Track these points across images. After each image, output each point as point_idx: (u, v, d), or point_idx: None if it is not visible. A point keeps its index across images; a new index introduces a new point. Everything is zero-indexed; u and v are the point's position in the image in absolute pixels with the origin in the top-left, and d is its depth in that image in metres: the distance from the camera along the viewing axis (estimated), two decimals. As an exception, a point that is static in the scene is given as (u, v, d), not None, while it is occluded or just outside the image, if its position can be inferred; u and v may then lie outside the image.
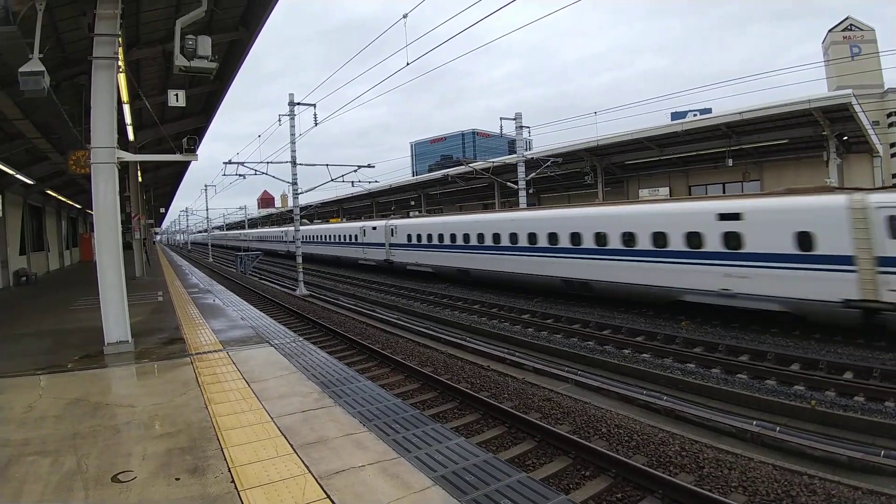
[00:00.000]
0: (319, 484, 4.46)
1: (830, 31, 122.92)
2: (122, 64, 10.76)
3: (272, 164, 31.58)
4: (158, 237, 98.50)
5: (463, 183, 44.93)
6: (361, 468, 4.71)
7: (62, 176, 26.38)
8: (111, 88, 9.85)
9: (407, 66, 17.04)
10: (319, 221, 63.80)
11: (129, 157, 11.27)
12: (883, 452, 7.63)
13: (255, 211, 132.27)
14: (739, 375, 11.89)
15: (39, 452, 5.32)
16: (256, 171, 31.58)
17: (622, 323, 16.84)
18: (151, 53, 15.05)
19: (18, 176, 21.50)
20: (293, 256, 51.25)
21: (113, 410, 6.63)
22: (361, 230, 39.82)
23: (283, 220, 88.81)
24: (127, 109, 16.31)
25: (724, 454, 7.60)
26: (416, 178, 60.30)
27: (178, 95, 11.14)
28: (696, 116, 34.22)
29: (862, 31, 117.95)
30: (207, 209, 73.30)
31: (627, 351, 14.16)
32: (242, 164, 31.12)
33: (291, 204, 32.07)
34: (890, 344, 12.96)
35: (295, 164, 28.99)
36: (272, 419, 6.00)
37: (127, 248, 10.47)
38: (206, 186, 66.74)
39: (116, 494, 4.45)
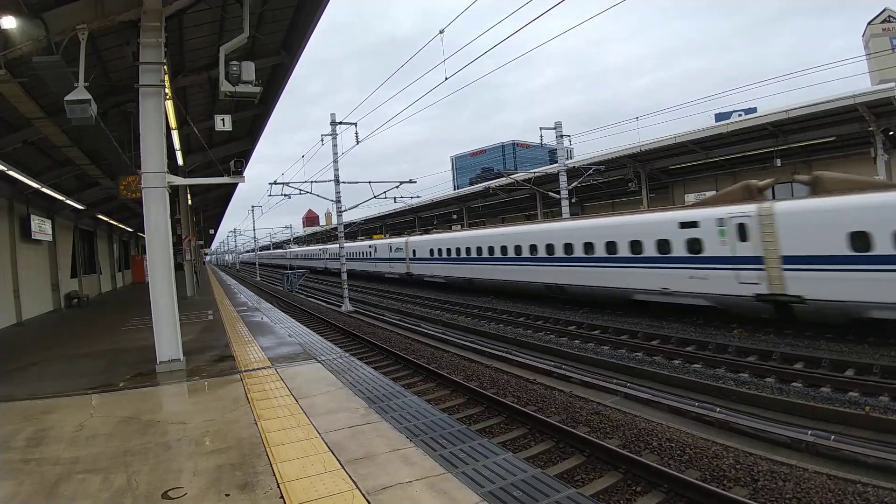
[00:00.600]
0: (367, 500, 4.45)
1: (869, 23, 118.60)
2: (168, 91, 11.13)
3: (316, 182, 32.19)
4: (208, 258, 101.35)
5: (504, 195, 44.85)
6: (409, 484, 4.69)
7: (113, 201, 27.44)
8: (159, 115, 10.17)
9: (445, 80, 17.18)
10: (363, 238, 64.74)
11: (179, 181, 11.64)
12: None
13: (300, 229, 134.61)
14: (794, 384, 11.47)
15: (90, 470, 5.44)
16: (301, 190, 32.25)
17: (672, 333, 16.44)
18: (197, 80, 15.57)
19: (68, 201, 22.47)
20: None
21: (164, 427, 6.76)
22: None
23: (326, 237, 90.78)
24: (175, 135, 16.90)
25: (778, 466, 7.37)
26: (457, 191, 60.48)
27: (224, 120, 11.47)
28: (740, 117, 33.30)
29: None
30: (255, 229, 75.07)
31: (678, 361, 13.80)
32: (287, 184, 31.81)
33: (335, 222, 32.56)
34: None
35: (338, 182, 29.47)
36: (320, 435, 6.03)
37: (178, 268, 10.79)
38: (252, 207, 68.51)
39: None
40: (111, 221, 34.89)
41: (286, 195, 33.16)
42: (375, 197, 33.44)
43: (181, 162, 20.72)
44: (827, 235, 14.11)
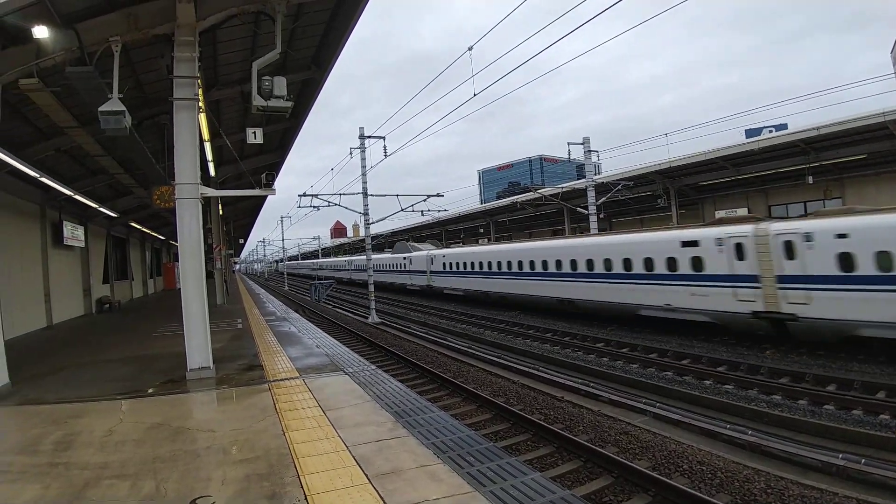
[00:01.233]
0: (394, 516, 4.41)
1: None
2: (202, 104, 11.32)
3: (344, 195, 32.51)
4: (237, 267, 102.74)
5: (531, 209, 44.76)
6: (436, 501, 4.63)
7: (146, 209, 28.03)
8: (193, 127, 10.35)
9: (475, 96, 17.24)
10: (389, 250, 65.35)
11: (211, 192, 11.82)
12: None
13: (328, 240, 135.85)
14: (826, 406, 11.22)
15: (118, 476, 5.48)
16: (329, 202, 32.53)
17: (702, 352, 16.14)
18: (230, 94, 15.85)
19: (101, 209, 22.97)
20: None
21: (194, 435, 6.80)
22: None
23: (354, 249, 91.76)
24: (208, 146, 17.20)
25: (809, 490, 7.25)
26: (484, 205, 60.48)
27: (255, 133, 11.64)
28: (771, 133, 32.76)
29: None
30: (283, 239, 75.92)
31: (709, 382, 13.54)
32: (316, 196, 32.12)
33: (363, 234, 32.76)
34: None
35: (366, 195, 29.66)
36: (347, 448, 6.01)
37: (208, 277, 10.90)
38: (281, 218, 69.28)
39: None
40: (144, 229, 35.62)
41: (315, 207, 33.49)
42: (403, 210, 33.58)
43: (213, 173, 21.09)
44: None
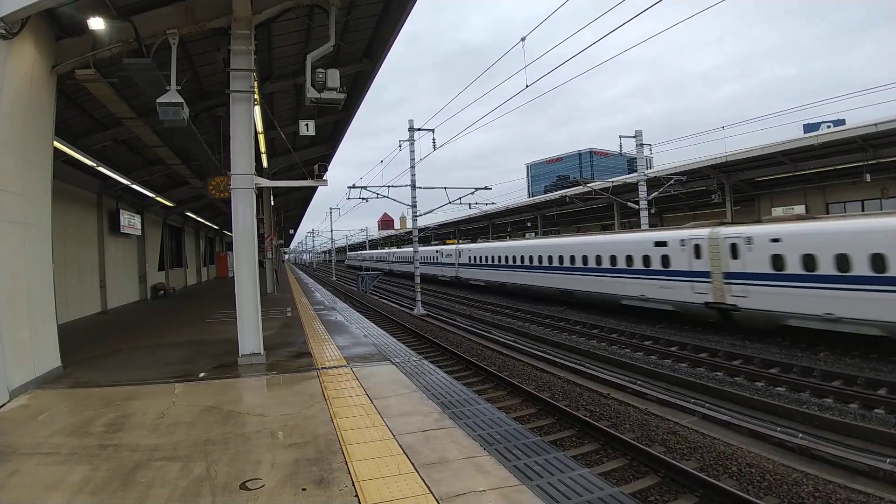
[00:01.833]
0: (440, 505, 4.44)
1: None
2: (257, 97, 11.53)
3: (393, 187, 32.79)
4: (287, 257, 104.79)
5: (581, 203, 44.13)
6: (482, 493, 4.63)
7: (201, 199, 28.82)
8: (248, 120, 10.53)
9: (526, 87, 17.09)
10: (437, 243, 65.92)
11: (265, 182, 12.06)
12: None
13: (375, 232, 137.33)
14: (877, 410, 10.94)
15: (169, 458, 5.58)
16: (378, 194, 32.89)
17: (754, 353, 15.72)
18: (284, 87, 16.14)
19: (158, 198, 23.71)
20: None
21: (244, 419, 6.94)
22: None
23: (401, 241, 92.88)
24: (261, 138, 17.56)
25: (856, 494, 7.18)
26: (532, 199, 59.99)
27: (308, 125, 11.81)
28: (829, 128, 31.39)
29: None
30: (332, 230, 77.06)
31: (761, 384, 13.18)
32: (365, 188, 32.52)
33: (410, 226, 33.00)
34: None
35: (414, 187, 29.81)
36: (394, 436, 6.06)
37: (260, 266, 11.14)
38: (330, 210, 70.35)
39: (244, 502, 4.60)
40: (198, 219, 36.68)
41: (364, 199, 33.90)
42: (450, 203, 33.73)
43: (266, 164, 21.54)
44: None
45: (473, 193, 33.63)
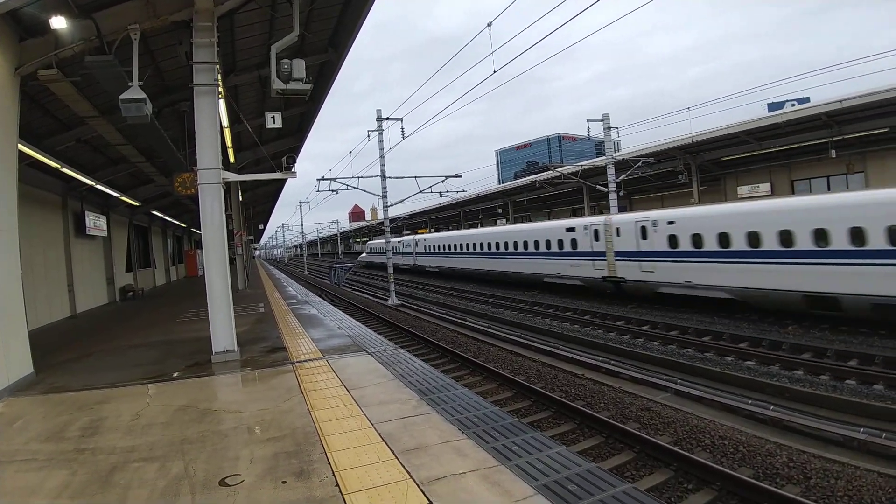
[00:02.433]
0: (421, 490, 4.49)
1: None
2: (222, 90, 11.38)
3: (363, 178, 32.56)
4: (257, 252, 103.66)
5: (550, 188, 44.52)
6: (462, 475, 4.71)
7: (167, 197, 28.33)
8: (213, 113, 10.39)
9: (494, 73, 17.07)
10: (409, 233, 65.99)
11: (233, 176, 11.90)
12: None
13: (346, 224, 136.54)
14: (848, 381, 11.21)
15: (146, 459, 5.54)
16: (348, 185, 32.59)
17: (724, 329, 16.08)
18: (248, 79, 15.91)
19: (123, 198, 23.26)
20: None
21: (220, 416, 6.91)
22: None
23: (372, 233, 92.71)
24: (227, 132, 17.31)
25: (830, 463, 7.33)
26: (502, 185, 60.25)
27: (274, 118, 11.70)
28: (794, 106, 32.06)
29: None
30: (302, 224, 76.43)
31: (730, 358, 13.50)
32: (335, 179, 32.21)
33: (381, 216, 32.89)
34: None
35: (384, 177, 29.59)
36: (372, 425, 6.10)
37: (230, 262, 11.03)
38: (300, 203, 69.68)
39: (224, 498, 4.60)
40: (165, 217, 36.06)
41: (334, 191, 33.62)
42: (421, 192, 33.55)
43: (232, 159, 21.24)
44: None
45: (444, 181, 33.55)
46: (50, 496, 4.86)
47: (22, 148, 10.75)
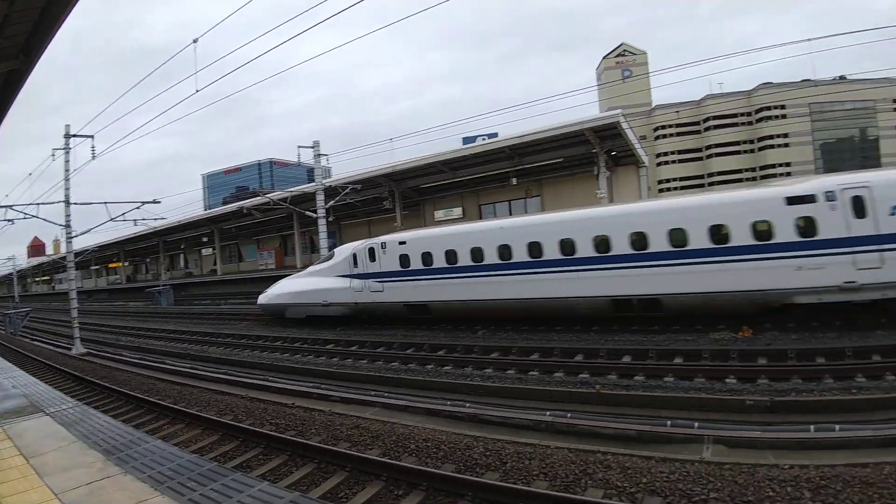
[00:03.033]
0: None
1: (605, 57, 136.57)
2: None
3: (43, 205, 27.69)
4: None
5: (260, 215, 43.47)
6: (154, 534, 4.43)
7: None
8: None
9: (196, 92, 16.12)
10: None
11: None
12: (670, 422, 8.44)
13: (24, 261, 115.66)
14: (532, 373, 13.09)
15: None
16: (26, 213, 27.44)
17: (424, 340, 17.60)
18: None
19: None
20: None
21: None
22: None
23: (55, 269, 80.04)
24: None
25: (523, 447, 8.16)
26: (208, 212, 56.92)
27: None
28: (484, 140, 36.90)
29: (634, 55, 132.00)
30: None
31: (430, 366, 14.81)
32: (10, 207, 26.88)
33: (64, 250, 28.47)
34: (662, 328, 15.66)
35: (69, 203, 25.68)
36: (56, 496, 5.62)
37: None
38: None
39: None
40: None
41: (9, 220, 28.05)
42: (113, 220, 29.78)
43: None
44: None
45: (139, 208, 30.26)
46: None
47: None
